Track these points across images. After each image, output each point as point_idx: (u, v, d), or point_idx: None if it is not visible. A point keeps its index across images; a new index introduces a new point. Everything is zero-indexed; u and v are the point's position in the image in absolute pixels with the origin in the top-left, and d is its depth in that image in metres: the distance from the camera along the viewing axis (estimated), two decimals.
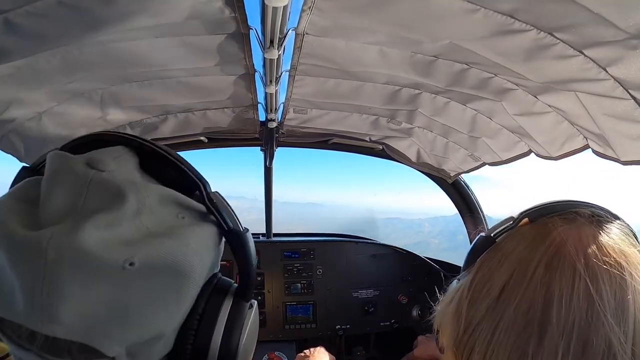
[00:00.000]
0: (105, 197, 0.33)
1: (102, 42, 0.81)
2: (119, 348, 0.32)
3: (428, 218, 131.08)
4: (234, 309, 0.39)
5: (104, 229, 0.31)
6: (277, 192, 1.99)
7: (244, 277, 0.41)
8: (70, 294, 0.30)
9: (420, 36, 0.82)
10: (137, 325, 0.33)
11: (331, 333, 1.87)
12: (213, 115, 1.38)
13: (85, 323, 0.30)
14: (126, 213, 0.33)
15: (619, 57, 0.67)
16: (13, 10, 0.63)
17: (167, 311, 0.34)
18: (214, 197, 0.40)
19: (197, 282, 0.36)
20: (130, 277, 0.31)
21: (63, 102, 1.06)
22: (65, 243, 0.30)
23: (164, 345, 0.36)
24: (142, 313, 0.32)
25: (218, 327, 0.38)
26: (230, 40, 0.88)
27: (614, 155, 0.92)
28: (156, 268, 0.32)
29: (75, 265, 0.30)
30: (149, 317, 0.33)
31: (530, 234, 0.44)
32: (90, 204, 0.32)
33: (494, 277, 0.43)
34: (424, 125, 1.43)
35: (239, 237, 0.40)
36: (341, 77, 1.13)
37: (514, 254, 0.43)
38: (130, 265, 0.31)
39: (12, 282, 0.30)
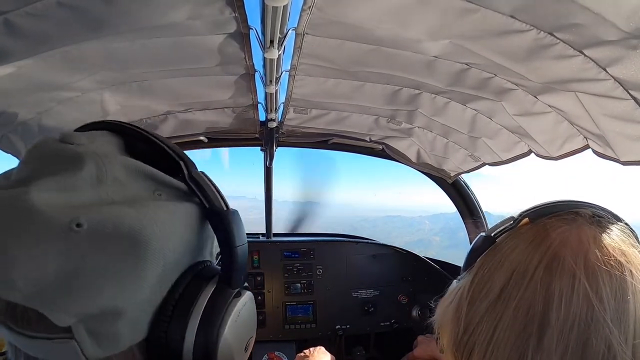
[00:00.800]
0: (63, 164, 0.33)
1: (102, 42, 0.81)
2: (69, 318, 0.31)
3: (428, 215, 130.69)
4: (214, 295, 0.37)
5: (56, 192, 0.31)
6: (275, 191, 1.99)
7: (226, 259, 0.38)
8: (19, 255, 0.29)
9: (420, 36, 0.82)
10: (85, 293, 0.31)
11: (331, 333, 1.87)
12: (213, 115, 1.38)
13: (36, 288, 0.29)
14: (83, 179, 0.32)
15: (619, 57, 0.67)
16: (13, 11, 0.63)
17: (121, 284, 0.32)
18: (196, 175, 0.39)
19: (164, 260, 0.34)
20: (78, 240, 0.30)
21: (63, 102, 1.06)
22: (14, 202, 0.29)
23: (131, 328, 0.34)
24: (91, 281, 0.30)
25: (194, 316, 0.35)
26: (230, 40, 0.88)
27: (614, 156, 0.92)
28: (107, 234, 0.31)
29: (22, 224, 0.29)
30: (98, 286, 0.31)
31: (530, 234, 0.44)
32: (48, 170, 0.32)
33: (493, 277, 0.43)
34: (424, 125, 1.43)
35: (220, 216, 0.38)
36: (341, 77, 1.13)
37: (513, 254, 0.43)
38: (78, 226, 0.30)
39: None
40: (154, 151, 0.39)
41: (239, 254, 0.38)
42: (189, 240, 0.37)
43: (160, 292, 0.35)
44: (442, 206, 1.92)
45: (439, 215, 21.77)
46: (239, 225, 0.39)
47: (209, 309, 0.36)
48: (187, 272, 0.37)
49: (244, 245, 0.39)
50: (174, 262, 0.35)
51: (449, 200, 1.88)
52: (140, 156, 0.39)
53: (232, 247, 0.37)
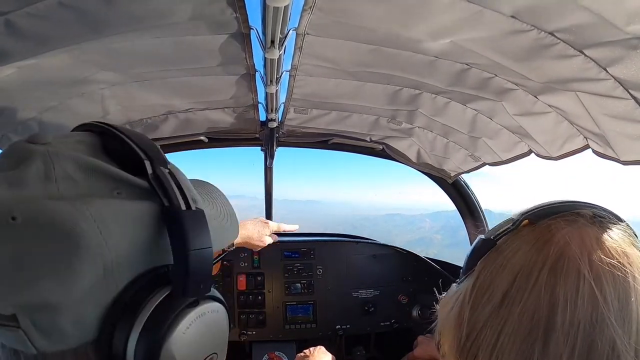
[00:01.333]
0: (15, 161, 0.34)
1: (103, 42, 0.81)
2: (8, 308, 0.31)
3: (429, 213, 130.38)
4: (162, 303, 0.35)
5: (4, 186, 0.32)
6: (276, 190, 1.99)
7: (178, 264, 0.35)
8: None
9: (421, 36, 0.82)
10: (21, 284, 0.31)
11: (331, 333, 1.87)
12: (213, 115, 1.38)
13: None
14: (31, 175, 0.33)
15: (619, 57, 0.67)
16: (14, 12, 0.63)
17: (57, 279, 0.31)
18: (160, 173, 0.37)
19: (104, 259, 0.33)
20: (15, 232, 0.30)
21: (63, 102, 1.06)
22: None
23: (75, 325, 0.33)
24: (25, 272, 0.31)
25: (138, 322, 0.34)
26: (231, 40, 0.88)
27: (614, 155, 0.92)
28: (40, 228, 0.31)
29: None
30: (32, 278, 0.31)
31: (532, 237, 0.43)
32: (2, 167, 0.34)
33: (496, 282, 0.42)
34: (424, 126, 1.43)
35: (173, 215, 0.35)
36: (342, 77, 1.13)
37: (515, 258, 0.42)
38: (13, 219, 0.30)
39: None
40: (126, 150, 0.39)
41: (193, 258, 0.35)
42: (143, 241, 0.35)
43: (107, 293, 0.34)
44: (443, 204, 1.92)
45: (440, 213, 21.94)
46: (199, 227, 0.36)
47: (153, 317, 0.34)
48: (141, 277, 0.35)
49: (205, 249, 0.36)
50: (118, 263, 0.34)
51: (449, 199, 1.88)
52: (114, 155, 0.39)
53: (186, 250, 0.34)
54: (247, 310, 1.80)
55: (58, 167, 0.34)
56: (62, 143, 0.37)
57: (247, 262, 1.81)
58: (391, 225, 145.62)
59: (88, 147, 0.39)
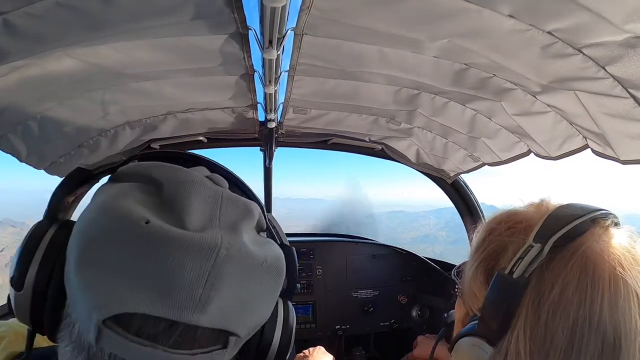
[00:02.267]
0: (238, 211, 0.40)
1: (102, 42, 0.81)
2: (246, 331, 0.38)
3: (432, 210, 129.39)
4: (286, 307, 0.47)
5: (249, 234, 0.38)
6: (277, 188, 1.98)
7: (292, 282, 0.47)
8: (227, 286, 0.34)
9: (420, 36, 0.82)
10: (258, 312, 0.39)
11: (331, 333, 1.87)
12: (213, 116, 1.38)
13: (225, 311, 0.35)
14: (253, 224, 0.40)
15: (618, 56, 0.67)
16: (12, 12, 0.63)
17: (271, 303, 0.42)
18: (271, 217, 0.49)
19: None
20: (263, 272, 0.38)
21: (63, 102, 1.06)
22: (234, 243, 0.35)
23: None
24: (263, 302, 0.39)
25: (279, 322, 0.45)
26: (229, 40, 0.88)
27: (614, 155, 0.92)
28: (275, 267, 0.39)
29: (238, 262, 0.35)
30: (265, 306, 0.40)
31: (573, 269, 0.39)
32: (228, 215, 0.38)
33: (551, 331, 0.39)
34: (423, 126, 1.43)
35: (290, 252, 0.47)
36: (340, 77, 1.13)
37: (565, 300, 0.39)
38: (265, 262, 0.38)
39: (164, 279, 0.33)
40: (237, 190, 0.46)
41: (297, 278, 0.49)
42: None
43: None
44: (446, 201, 1.91)
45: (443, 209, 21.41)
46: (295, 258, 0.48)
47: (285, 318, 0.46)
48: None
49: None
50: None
51: None
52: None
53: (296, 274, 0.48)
54: None
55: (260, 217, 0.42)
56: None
57: None
58: (395, 222, 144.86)
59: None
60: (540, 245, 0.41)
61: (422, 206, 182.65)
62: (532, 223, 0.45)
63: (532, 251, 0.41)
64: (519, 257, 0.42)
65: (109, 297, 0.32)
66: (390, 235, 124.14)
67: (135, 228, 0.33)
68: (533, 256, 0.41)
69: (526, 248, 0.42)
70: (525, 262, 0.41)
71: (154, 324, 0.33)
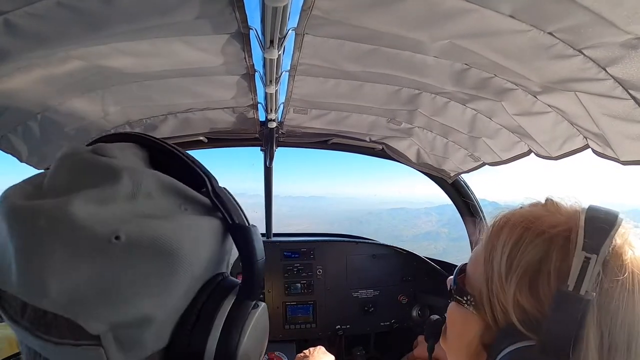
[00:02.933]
0: (100, 177, 0.34)
1: (102, 42, 0.81)
2: (102, 326, 0.31)
3: (434, 207, 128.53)
4: (235, 307, 0.38)
5: (94, 204, 0.32)
6: (278, 187, 1.98)
7: (248, 274, 0.39)
8: (57, 264, 0.30)
9: (421, 36, 0.82)
10: (121, 303, 0.32)
11: (331, 333, 1.87)
12: (213, 115, 1.38)
13: (70, 297, 0.30)
14: (119, 193, 0.33)
15: (619, 57, 0.67)
16: (12, 12, 0.63)
17: (153, 294, 0.33)
18: (220, 192, 0.40)
19: (192, 272, 0.35)
20: (116, 251, 0.31)
21: (63, 102, 1.06)
22: (56, 213, 0.30)
23: (157, 336, 0.35)
24: (126, 291, 0.32)
25: (216, 325, 0.36)
26: (230, 40, 0.88)
27: (614, 155, 0.92)
28: (144, 246, 0.32)
29: (63, 236, 0.30)
30: (132, 295, 0.32)
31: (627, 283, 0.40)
32: (85, 181, 0.33)
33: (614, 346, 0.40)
34: (423, 125, 1.43)
35: (243, 232, 0.39)
36: (341, 77, 1.13)
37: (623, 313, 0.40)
38: (117, 239, 0.31)
39: (11, 252, 0.31)
40: (179, 165, 0.40)
41: (259, 268, 0.39)
42: (213, 253, 0.38)
43: (185, 301, 0.36)
44: (447, 198, 1.91)
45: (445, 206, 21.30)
46: (259, 241, 0.40)
47: (230, 320, 0.37)
48: (209, 283, 0.38)
49: (263, 259, 0.40)
50: (199, 273, 0.37)
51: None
52: (165, 170, 0.39)
53: (254, 261, 0.39)
54: None
55: (144, 184, 0.35)
56: (127, 157, 0.38)
57: None
58: (397, 219, 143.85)
59: (142, 161, 0.40)
60: (595, 257, 0.40)
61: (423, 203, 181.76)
62: (567, 227, 0.44)
63: (590, 263, 0.40)
64: (579, 272, 0.40)
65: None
66: (392, 233, 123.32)
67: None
68: (592, 268, 0.40)
69: (583, 260, 0.40)
70: (588, 277, 0.40)
71: (12, 301, 0.32)
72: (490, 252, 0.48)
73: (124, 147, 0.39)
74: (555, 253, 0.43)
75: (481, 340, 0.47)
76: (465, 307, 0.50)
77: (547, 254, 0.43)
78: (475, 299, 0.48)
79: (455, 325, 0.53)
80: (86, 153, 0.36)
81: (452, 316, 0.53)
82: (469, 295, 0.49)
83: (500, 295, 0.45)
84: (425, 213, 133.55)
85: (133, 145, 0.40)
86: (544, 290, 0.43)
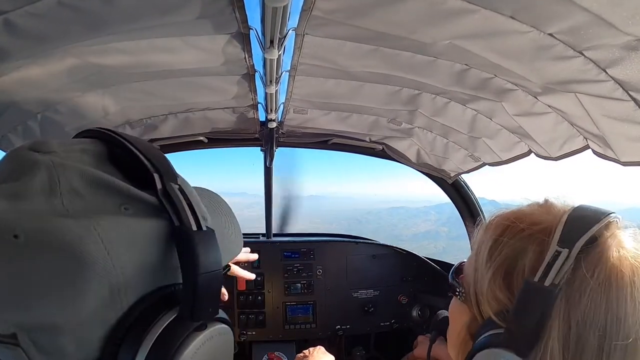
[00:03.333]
0: (18, 171, 0.32)
1: (103, 42, 0.81)
2: (8, 327, 0.30)
3: (433, 205, 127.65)
4: (170, 326, 0.33)
5: (5, 199, 0.30)
6: (276, 186, 1.97)
7: (187, 287, 0.34)
8: None
9: (420, 36, 0.82)
10: (24, 304, 0.29)
11: (331, 333, 1.87)
12: (213, 115, 1.38)
13: None
14: (34, 188, 0.31)
15: (619, 59, 0.67)
16: (13, 11, 0.63)
17: (60, 300, 0.30)
18: (170, 190, 0.36)
19: (112, 280, 0.32)
20: (17, 250, 0.29)
21: (63, 102, 1.06)
22: None
23: (78, 346, 0.32)
24: (28, 292, 0.29)
25: (144, 345, 0.32)
26: (230, 40, 0.88)
27: (614, 156, 0.92)
28: (45, 247, 0.29)
29: None
30: (34, 299, 0.29)
31: (600, 278, 0.40)
32: (4, 175, 0.32)
33: (583, 339, 0.40)
34: (424, 126, 1.43)
35: (184, 236, 0.34)
36: (341, 77, 1.13)
37: (594, 306, 0.40)
38: (15, 237, 0.28)
39: None
40: (134, 161, 0.37)
41: (203, 282, 0.33)
42: (151, 260, 0.34)
43: (112, 313, 0.33)
44: (446, 196, 1.90)
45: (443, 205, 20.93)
46: (210, 248, 0.35)
47: (160, 340, 0.33)
48: (147, 297, 0.34)
49: (215, 272, 0.34)
50: (125, 283, 0.33)
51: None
52: (121, 166, 0.37)
53: (195, 273, 0.33)
54: (247, 311, 1.80)
55: (63, 180, 0.32)
56: (66, 152, 0.35)
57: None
58: (396, 218, 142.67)
59: (94, 157, 0.37)
60: (567, 251, 0.40)
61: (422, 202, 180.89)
62: (550, 225, 0.44)
63: (560, 257, 0.40)
64: (547, 264, 0.40)
65: None
66: (392, 232, 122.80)
67: None
68: (562, 262, 0.40)
69: (554, 254, 0.41)
70: (555, 269, 0.40)
71: None
72: (478, 246, 0.50)
73: (75, 143, 0.36)
74: (532, 248, 0.44)
75: (468, 330, 0.49)
76: (459, 299, 0.52)
77: (524, 250, 0.44)
78: (466, 292, 0.50)
79: (453, 317, 0.55)
80: (22, 149, 0.34)
81: (450, 309, 0.56)
82: (462, 288, 0.51)
83: (482, 287, 0.47)
84: (424, 212, 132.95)
85: (92, 140, 0.38)
86: (517, 283, 0.44)
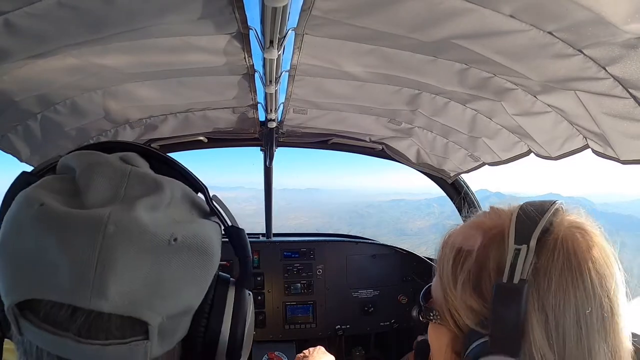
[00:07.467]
0: (145, 187, 0.37)
1: (103, 42, 0.81)
2: (159, 319, 0.34)
3: (434, 198, 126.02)
4: (238, 296, 0.44)
5: (149, 211, 0.35)
6: (275, 181, 1.97)
7: (244, 267, 0.45)
8: (122, 266, 0.32)
9: (420, 36, 0.82)
10: (175, 296, 0.36)
11: (331, 333, 1.87)
12: (213, 115, 1.39)
13: (129, 296, 0.32)
14: (163, 201, 0.37)
15: (619, 56, 0.67)
16: (13, 11, 0.63)
17: (196, 286, 0.38)
18: (215, 199, 0.45)
19: (215, 266, 0.41)
20: (173, 252, 0.35)
21: (63, 102, 1.06)
22: (124, 218, 0.33)
23: (187, 324, 0.39)
24: (179, 285, 0.36)
25: (227, 313, 0.42)
26: (230, 40, 0.88)
27: (614, 155, 0.92)
28: (192, 246, 0.37)
29: (130, 239, 0.32)
30: (183, 289, 0.36)
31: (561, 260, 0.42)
32: (132, 191, 0.37)
33: (562, 322, 0.41)
34: (423, 126, 1.43)
35: (239, 234, 0.45)
36: (341, 77, 1.13)
37: (563, 288, 0.41)
38: (174, 240, 0.35)
39: (58, 261, 0.31)
40: (179, 175, 0.44)
41: (251, 262, 0.46)
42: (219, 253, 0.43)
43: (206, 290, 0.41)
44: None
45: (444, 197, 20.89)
46: (248, 240, 0.46)
47: (236, 308, 0.43)
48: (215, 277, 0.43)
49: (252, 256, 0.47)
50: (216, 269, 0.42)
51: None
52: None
53: (247, 257, 0.45)
54: None
55: (176, 195, 0.39)
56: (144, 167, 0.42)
57: None
58: (398, 212, 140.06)
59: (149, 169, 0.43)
60: (526, 246, 0.42)
61: (423, 194, 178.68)
62: (502, 228, 0.46)
63: (521, 253, 0.42)
64: (511, 264, 0.42)
65: (13, 283, 0.32)
66: (395, 226, 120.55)
67: (29, 212, 0.33)
68: (524, 258, 0.41)
69: (514, 252, 0.42)
70: (519, 266, 0.41)
71: (58, 309, 0.32)
72: (440, 267, 0.51)
73: (135, 157, 0.42)
74: (493, 254, 0.45)
75: (453, 349, 0.49)
76: (435, 322, 0.52)
77: (486, 256, 0.45)
78: (439, 313, 0.51)
79: (433, 341, 0.55)
80: (119, 162, 0.39)
81: (430, 335, 0.56)
82: (434, 311, 0.52)
83: (454, 303, 0.47)
84: (426, 204, 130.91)
85: (136, 155, 0.43)
86: (486, 288, 0.44)
